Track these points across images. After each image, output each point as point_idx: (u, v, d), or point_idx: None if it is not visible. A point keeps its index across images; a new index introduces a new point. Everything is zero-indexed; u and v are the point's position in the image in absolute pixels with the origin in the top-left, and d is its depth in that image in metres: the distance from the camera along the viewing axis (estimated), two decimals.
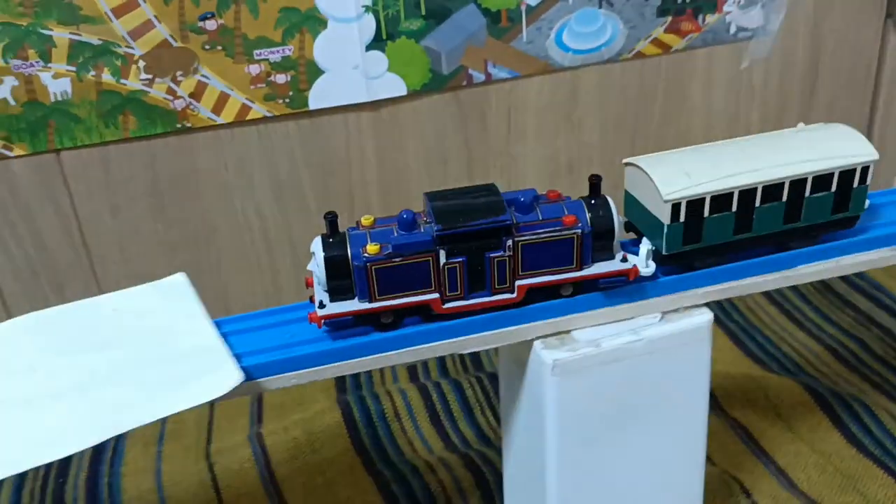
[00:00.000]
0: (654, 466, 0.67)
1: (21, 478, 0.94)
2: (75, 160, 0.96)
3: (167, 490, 0.92)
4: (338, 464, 0.93)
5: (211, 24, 0.93)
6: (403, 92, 1.02)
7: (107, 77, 0.92)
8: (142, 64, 0.93)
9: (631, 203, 0.65)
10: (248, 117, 0.98)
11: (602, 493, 0.66)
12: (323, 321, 0.58)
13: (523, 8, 1.01)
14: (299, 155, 1.02)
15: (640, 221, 0.64)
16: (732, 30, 1.10)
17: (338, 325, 0.60)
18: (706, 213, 0.60)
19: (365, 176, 1.05)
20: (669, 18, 1.06)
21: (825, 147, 0.63)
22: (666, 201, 0.59)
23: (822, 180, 0.62)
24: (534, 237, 0.58)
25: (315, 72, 0.98)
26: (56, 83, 0.91)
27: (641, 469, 0.67)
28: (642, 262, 0.61)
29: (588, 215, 0.59)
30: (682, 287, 0.63)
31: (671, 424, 0.66)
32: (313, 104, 0.99)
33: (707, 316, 0.63)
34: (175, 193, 1.01)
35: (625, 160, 0.63)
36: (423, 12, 0.98)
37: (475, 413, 0.99)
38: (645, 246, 0.62)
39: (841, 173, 0.62)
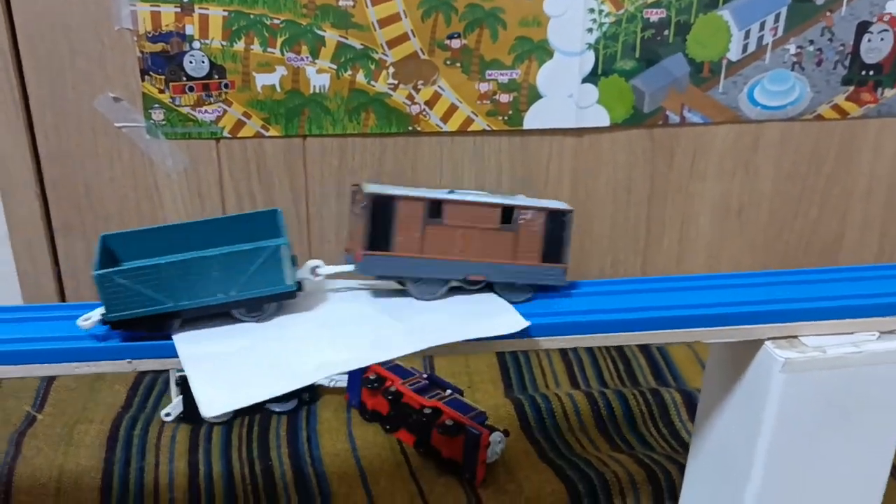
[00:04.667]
0: (847, 468, 0.75)
1: (229, 425, 1.05)
2: (317, 146, 1.09)
3: (361, 451, 1.02)
4: (512, 448, 1.03)
5: (456, 43, 1.05)
6: (606, 123, 1.13)
7: (360, 78, 1.05)
8: (391, 70, 1.05)
9: None
10: (470, 129, 1.10)
11: (799, 486, 0.75)
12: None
13: (724, 62, 1.12)
14: (505, 167, 1.14)
15: None
16: None
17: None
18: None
19: (557, 194, 1.16)
20: (852, 88, 1.16)
21: None
22: None
23: None
24: None
25: (535, 96, 1.10)
26: (318, 77, 1.04)
27: (836, 469, 0.75)
28: None
29: None
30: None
31: (868, 432, 0.74)
32: (527, 124, 1.11)
33: None
34: None
35: None
36: (637, 55, 1.09)
37: (637, 422, 1.08)
38: None
39: None
